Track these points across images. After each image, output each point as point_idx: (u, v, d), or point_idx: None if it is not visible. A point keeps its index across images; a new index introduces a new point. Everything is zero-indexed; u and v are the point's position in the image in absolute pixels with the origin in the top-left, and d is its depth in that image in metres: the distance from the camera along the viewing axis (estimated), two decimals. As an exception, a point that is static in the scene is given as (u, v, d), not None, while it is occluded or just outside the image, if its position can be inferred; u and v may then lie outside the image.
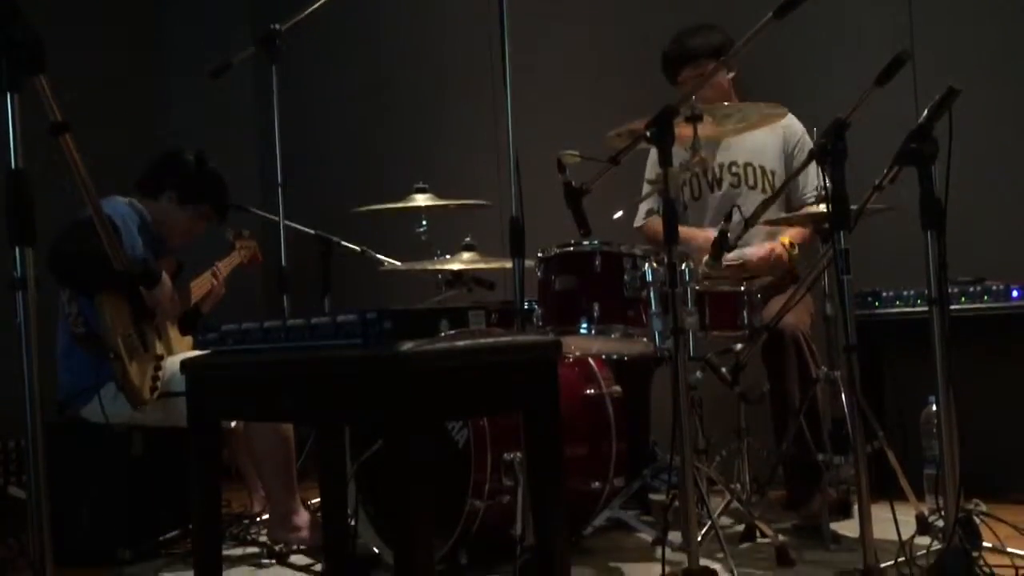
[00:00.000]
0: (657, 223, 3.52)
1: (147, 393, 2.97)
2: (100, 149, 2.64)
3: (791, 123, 3.46)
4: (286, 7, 3.34)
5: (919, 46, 3.46)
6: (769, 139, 3.48)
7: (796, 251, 3.31)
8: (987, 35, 3.64)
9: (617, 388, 3.18)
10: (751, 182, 3.52)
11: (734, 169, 3.53)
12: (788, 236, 3.35)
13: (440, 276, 3.22)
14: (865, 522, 2.31)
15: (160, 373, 3.05)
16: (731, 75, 3.52)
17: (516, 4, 2.61)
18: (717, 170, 3.52)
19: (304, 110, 4.78)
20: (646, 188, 3.58)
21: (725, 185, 3.53)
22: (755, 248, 3.29)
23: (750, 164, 3.52)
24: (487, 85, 3.94)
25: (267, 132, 3.41)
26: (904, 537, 2.45)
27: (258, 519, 3.48)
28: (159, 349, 3.10)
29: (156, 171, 3.39)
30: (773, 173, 3.52)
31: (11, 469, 3.87)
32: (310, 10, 3.27)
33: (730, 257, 2.96)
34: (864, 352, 2.42)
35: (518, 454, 2.70)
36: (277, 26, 3.28)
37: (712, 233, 2.89)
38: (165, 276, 3.11)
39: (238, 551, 3.25)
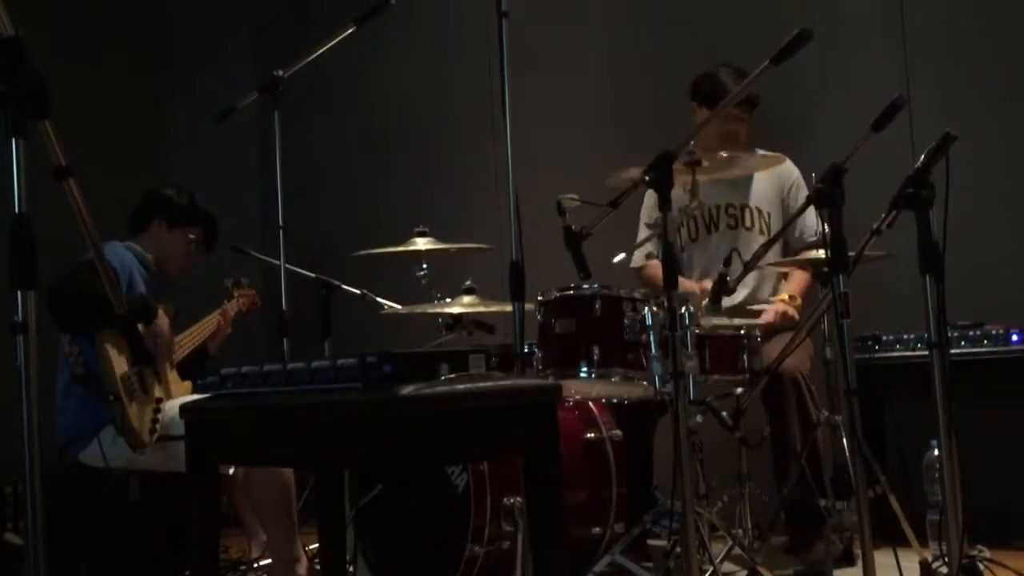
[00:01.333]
0: (655, 267, 3.54)
1: (146, 436, 2.96)
2: (102, 194, 2.65)
3: (786, 166, 3.49)
4: (289, 53, 3.38)
5: (915, 92, 3.49)
6: (765, 181, 3.51)
7: (799, 300, 3.32)
8: (983, 81, 3.67)
9: (617, 432, 3.17)
10: (748, 224, 3.54)
11: (731, 211, 3.55)
12: (788, 290, 3.37)
13: (440, 320, 3.23)
14: (868, 568, 2.29)
15: (159, 416, 3.03)
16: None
17: (516, 50, 2.64)
18: (715, 211, 3.54)
19: (306, 154, 4.81)
20: (643, 231, 3.60)
21: (722, 227, 3.54)
22: (766, 314, 3.30)
23: (747, 206, 3.54)
24: (487, 129, 3.98)
25: (269, 176, 3.43)
26: (908, 583, 2.43)
27: (255, 565, 3.44)
28: (158, 392, 3.09)
29: (142, 205, 3.45)
30: (769, 215, 3.54)
31: (8, 515, 3.85)
32: (313, 56, 3.31)
33: (739, 307, 2.96)
34: (865, 396, 2.42)
35: (518, 499, 2.68)
36: (280, 72, 3.31)
37: (707, 284, 2.90)
38: (163, 315, 3.11)
39: (236, 597, 3.21)
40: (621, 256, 3.16)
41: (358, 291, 3.74)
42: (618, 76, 4.42)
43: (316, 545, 3.22)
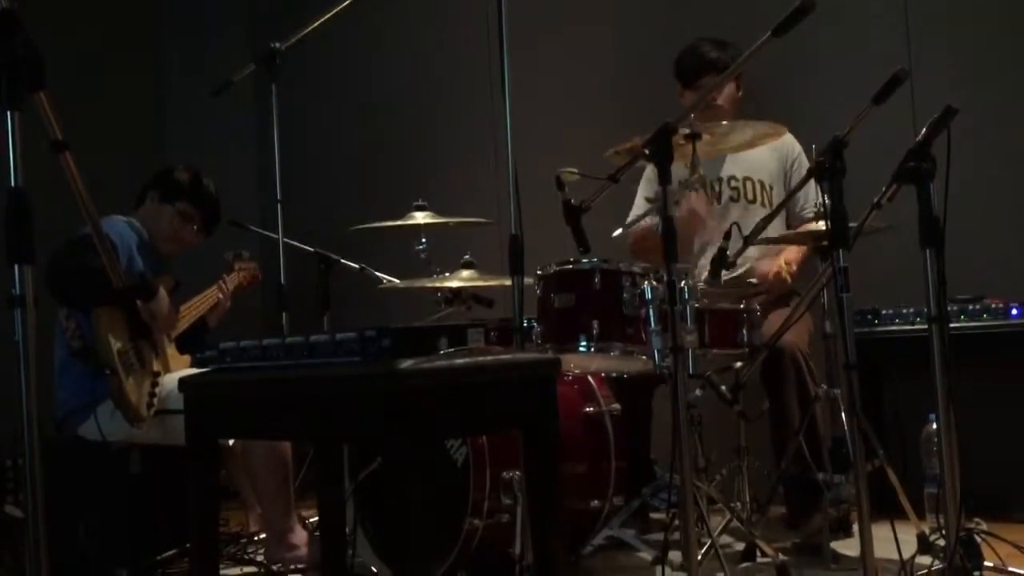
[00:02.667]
0: (642, 229, 3.53)
1: (144, 410, 2.97)
2: (100, 167, 2.65)
3: (788, 140, 3.48)
4: (286, 26, 3.36)
5: (917, 64, 3.47)
6: (767, 155, 3.49)
7: (793, 267, 3.32)
8: (985, 53, 3.65)
9: (616, 406, 3.17)
10: (750, 196, 3.53)
11: (733, 183, 3.54)
12: (784, 256, 3.36)
13: (439, 294, 3.22)
14: (866, 541, 2.30)
15: (157, 390, 3.04)
16: (739, 94, 3.54)
17: (515, 22, 2.62)
18: (716, 184, 3.53)
19: (304, 128, 4.79)
20: (639, 205, 3.58)
21: (724, 198, 3.54)
22: (760, 267, 3.29)
23: (749, 178, 3.53)
24: (486, 103, 3.96)
25: (267, 150, 3.42)
26: (905, 556, 2.44)
27: (255, 538, 3.46)
28: (156, 366, 3.10)
29: (148, 181, 3.42)
30: (771, 188, 3.53)
31: (8, 488, 3.86)
32: (310, 28, 3.29)
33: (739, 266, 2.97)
34: (864, 370, 2.42)
35: (517, 472, 2.69)
36: (277, 44, 3.29)
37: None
38: (163, 291, 3.11)
39: (235, 570, 3.23)
40: (620, 231, 3.16)
41: (357, 265, 3.73)
42: (619, 50, 4.40)
43: (316, 518, 3.24)
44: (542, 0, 4.38)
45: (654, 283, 2.72)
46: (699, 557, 2.52)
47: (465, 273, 3.14)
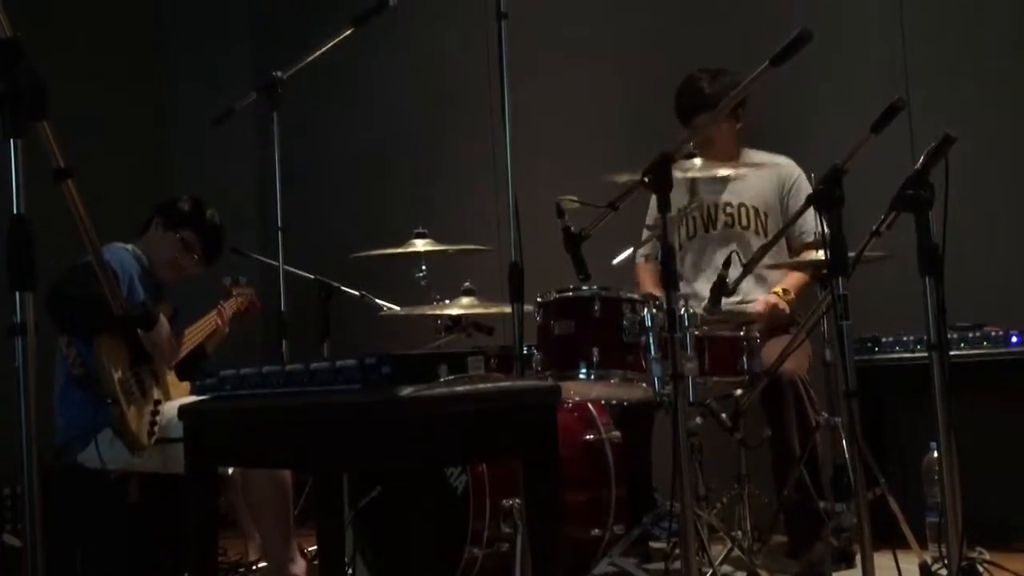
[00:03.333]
0: (642, 269, 3.55)
1: (145, 438, 2.96)
2: (101, 195, 2.65)
3: (785, 166, 3.50)
4: (288, 54, 3.38)
5: (914, 93, 3.49)
6: (764, 180, 3.51)
7: (792, 295, 3.33)
8: (983, 82, 3.67)
9: (616, 433, 3.17)
10: (744, 223, 3.54)
11: (728, 209, 3.55)
12: (782, 284, 3.37)
13: (439, 321, 3.22)
14: (868, 571, 2.29)
15: (158, 418, 3.03)
16: (739, 125, 3.56)
17: (515, 50, 2.64)
18: (713, 209, 3.54)
19: (305, 156, 4.81)
20: (645, 232, 3.60)
21: (720, 225, 3.55)
22: (756, 304, 3.30)
23: (744, 205, 3.55)
24: (486, 131, 3.98)
25: (267, 177, 3.43)
26: (907, 586, 2.43)
27: (254, 567, 3.44)
28: (156, 394, 3.09)
29: (154, 210, 3.43)
30: (766, 215, 3.54)
31: (6, 516, 3.84)
32: (311, 58, 3.31)
33: (731, 306, 2.97)
34: (864, 398, 2.42)
35: (517, 501, 2.68)
36: (279, 73, 3.31)
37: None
38: (163, 319, 3.11)
39: (234, 599, 3.21)
40: (621, 257, 3.17)
41: (357, 292, 3.73)
42: (619, 77, 4.42)
43: (315, 547, 3.22)
44: (543, 26, 4.41)
45: (654, 310, 2.73)
46: (700, 586, 2.51)
47: (465, 300, 3.14)
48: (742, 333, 2.89)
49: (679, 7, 4.28)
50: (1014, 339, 3.30)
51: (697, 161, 2.82)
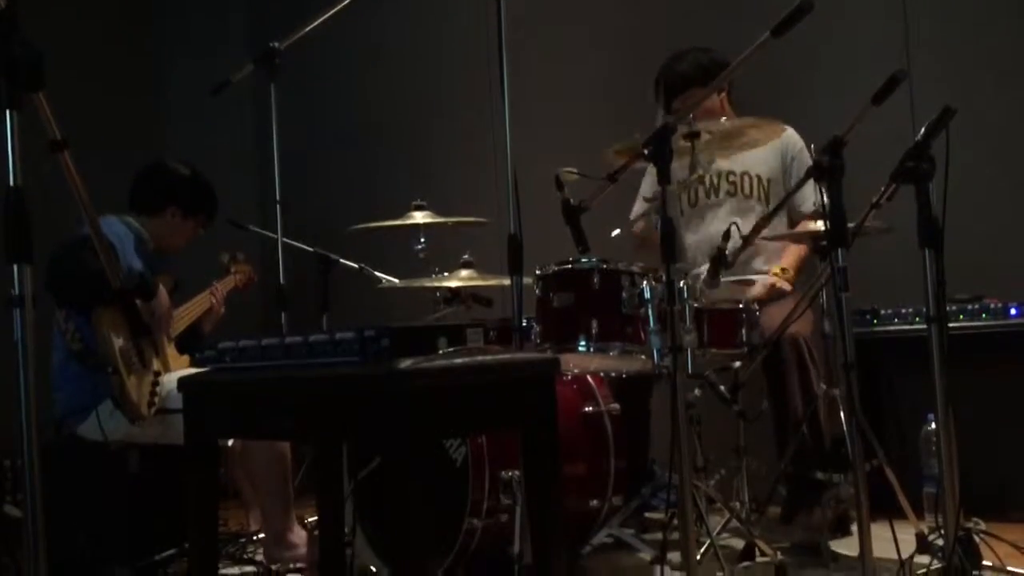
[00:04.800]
0: (645, 229, 3.53)
1: (145, 408, 2.97)
2: (98, 167, 2.64)
3: (790, 135, 3.48)
4: (285, 25, 3.36)
5: (915, 65, 3.47)
6: (767, 150, 3.49)
7: (791, 273, 3.33)
8: (984, 53, 3.65)
9: (615, 405, 3.17)
10: (747, 191, 3.53)
11: (731, 178, 3.54)
12: (780, 263, 3.37)
13: (438, 293, 3.22)
14: (865, 541, 2.30)
15: (158, 389, 3.04)
16: (722, 94, 3.53)
17: (514, 21, 2.62)
18: (715, 178, 3.53)
19: (303, 127, 4.79)
20: (639, 204, 3.58)
21: (722, 193, 3.54)
22: (756, 287, 3.29)
23: (747, 173, 3.53)
24: (485, 102, 3.96)
25: (266, 150, 3.42)
26: (904, 556, 2.44)
27: (254, 538, 3.46)
28: (156, 365, 3.10)
29: (154, 188, 3.40)
30: (769, 181, 3.53)
31: (7, 487, 3.86)
32: (308, 28, 3.28)
33: (730, 278, 2.96)
34: (863, 370, 2.42)
35: (516, 472, 2.69)
36: (276, 44, 3.29)
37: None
38: (163, 290, 3.11)
39: (235, 570, 3.23)
40: (619, 231, 3.16)
41: (356, 265, 3.73)
42: (618, 49, 4.40)
43: (315, 518, 3.24)
44: (540, 0, 4.38)
45: (653, 282, 2.72)
46: (698, 557, 2.52)
47: (464, 273, 3.14)
48: (741, 305, 2.89)
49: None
50: (1013, 311, 3.31)
51: (703, 136, 2.80)
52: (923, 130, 2.37)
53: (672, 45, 3.64)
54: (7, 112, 1.69)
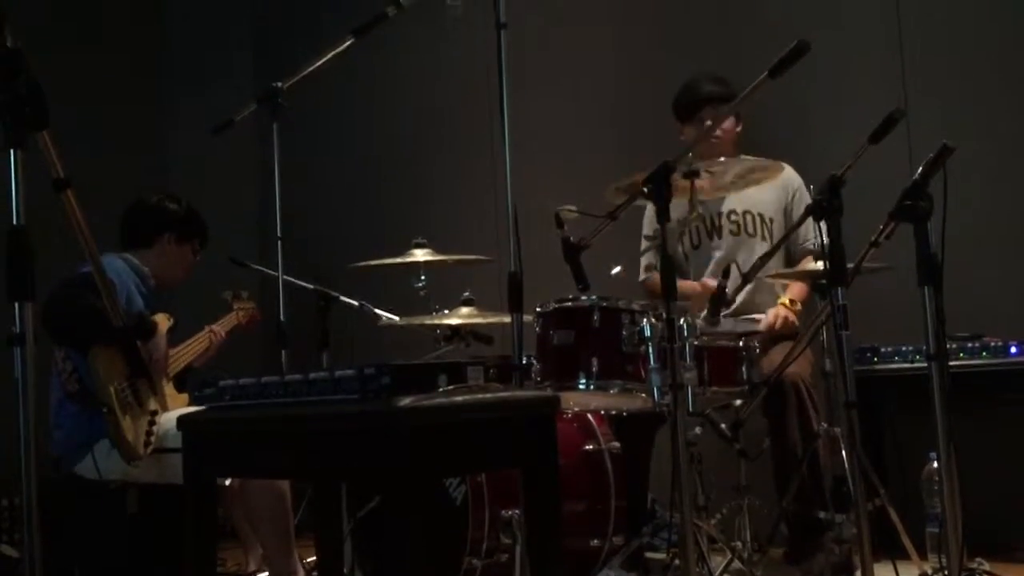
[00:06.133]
0: (657, 279, 3.54)
1: (141, 448, 2.95)
2: (99, 206, 2.65)
3: (789, 174, 3.50)
4: (289, 64, 3.39)
5: (913, 103, 3.50)
6: (768, 189, 3.50)
7: (799, 306, 3.33)
8: (981, 92, 3.68)
9: (616, 444, 3.16)
10: (751, 230, 3.54)
11: (733, 217, 3.55)
12: (788, 295, 3.37)
13: (438, 331, 3.22)
14: (868, 581, 2.29)
15: (155, 428, 3.02)
16: (738, 128, 3.57)
17: (516, 60, 2.64)
18: (717, 218, 3.54)
19: (304, 165, 4.81)
20: (644, 243, 3.60)
21: (725, 233, 3.54)
22: (766, 319, 3.30)
23: (749, 212, 3.54)
24: (486, 141, 3.99)
25: (267, 187, 3.43)
26: (908, 596, 2.42)
27: (253, 577, 3.43)
28: (153, 405, 3.08)
29: (145, 221, 3.41)
30: (772, 221, 3.54)
31: (4, 527, 3.83)
32: (312, 68, 3.31)
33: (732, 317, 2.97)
34: (864, 408, 2.42)
35: (516, 511, 2.67)
36: (279, 84, 3.32)
37: (711, 283, 2.90)
38: (161, 329, 3.11)
39: (232, 610, 3.20)
40: (619, 268, 3.16)
41: (356, 302, 3.73)
42: (618, 88, 4.43)
43: (314, 558, 3.21)
44: (542, 37, 4.42)
45: (653, 320, 2.72)
46: (700, 597, 2.50)
47: (464, 310, 3.14)
48: (741, 343, 2.89)
49: (679, 16, 4.29)
50: (1013, 349, 3.30)
51: (703, 176, 2.82)
52: (921, 168, 2.39)
53: (675, 81, 3.67)
54: (11, 151, 1.70)
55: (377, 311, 3.70)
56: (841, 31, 3.90)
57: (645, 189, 2.40)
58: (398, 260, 3.31)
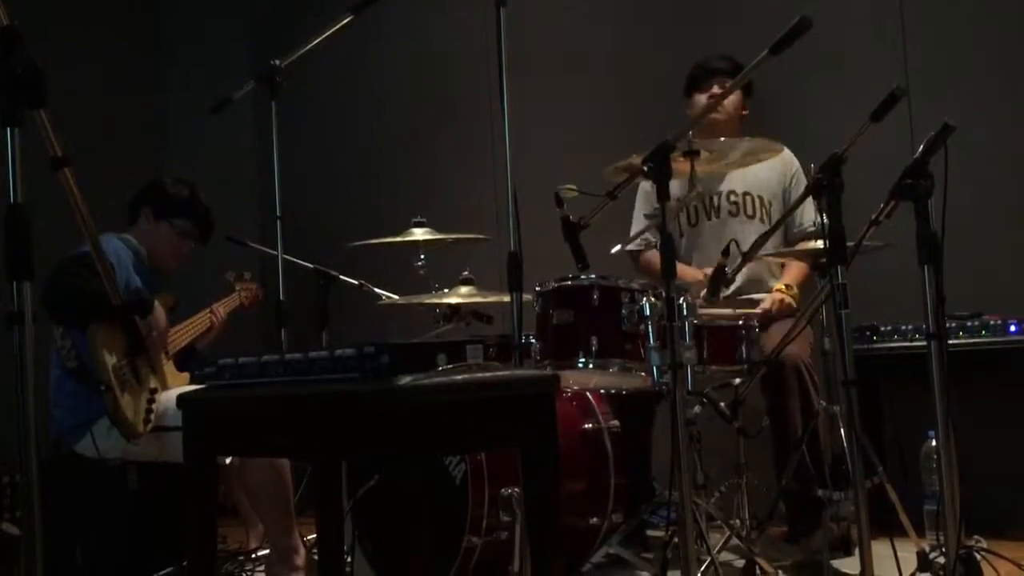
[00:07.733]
0: (652, 256, 3.55)
1: (140, 426, 2.95)
2: (98, 184, 2.65)
3: (787, 156, 3.49)
4: (287, 43, 3.37)
5: (914, 81, 3.49)
6: (767, 170, 3.50)
7: (795, 290, 3.33)
8: (982, 71, 3.67)
9: (615, 422, 3.17)
10: (749, 211, 3.53)
11: (732, 198, 3.54)
12: (785, 279, 3.37)
13: (438, 310, 3.22)
14: (866, 559, 2.30)
15: (154, 406, 3.03)
16: (744, 112, 3.58)
17: (515, 39, 2.63)
18: (715, 198, 3.54)
19: (303, 144, 4.80)
20: (638, 221, 3.59)
21: (723, 213, 3.54)
22: (764, 303, 3.30)
23: (748, 193, 3.54)
24: (486, 119, 3.98)
25: (266, 167, 3.42)
26: (905, 574, 2.43)
27: (254, 555, 3.44)
28: (152, 382, 3.08)
29: (136, 196, 3.41)
30: (771, 203, 3.54)
31: (5, 505, 3.84)
32: (310, 46, 3.30)
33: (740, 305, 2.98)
34: (863, 387, 2.42)
35: (516, 490, 2.68)
36: (277, 62, 3.30)
37: (709, 271, 2.90)
38: (159, 307, 3.10)
39: (233, 588, 3.21)
40: (619, 247, 3.16)
41: (356, 281, 3.73)
42: (618, 66, 4.42)
43: (314, 536, 3.22)
44: (543, 16, 4.40)
45: (653, 299, 2.72)
46: (698, 575, 2.51)
47: (464, 289, 3.14)
48: (741, 322, 2.89)
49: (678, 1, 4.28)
50: (1012, 328, 3.31)
51: (703, 154, 2.81)
52: (922, 147, 2.38)
53: (674, 64, 3.66)
54: (8, 129, 1.70)
55: (377, 290, 3.70)
56: (842, 8, 3.87)
57: (645, 168, 2.40)
58: (397, 239, 3.30)
